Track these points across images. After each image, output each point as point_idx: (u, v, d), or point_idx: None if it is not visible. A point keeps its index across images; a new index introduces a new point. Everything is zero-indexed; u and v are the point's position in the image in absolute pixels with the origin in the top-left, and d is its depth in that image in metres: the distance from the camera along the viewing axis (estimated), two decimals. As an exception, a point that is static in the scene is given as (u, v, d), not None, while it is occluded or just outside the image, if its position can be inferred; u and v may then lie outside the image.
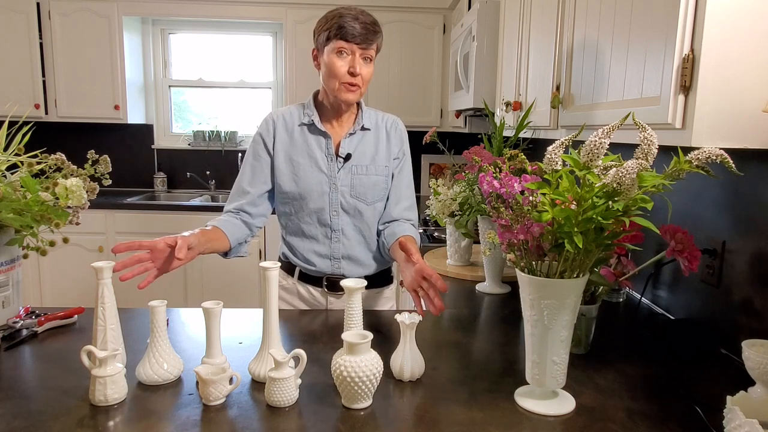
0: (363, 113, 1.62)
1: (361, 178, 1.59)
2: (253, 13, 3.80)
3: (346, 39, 1.45)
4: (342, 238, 1.62)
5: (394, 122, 1.67)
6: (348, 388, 0.99)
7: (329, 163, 1.59)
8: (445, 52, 3.83)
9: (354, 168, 1.59)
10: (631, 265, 1.28)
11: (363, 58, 1.49)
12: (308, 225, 1.61)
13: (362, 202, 1.60)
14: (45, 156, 1.36)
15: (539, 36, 1.83)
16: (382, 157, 1.62)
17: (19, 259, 1.37)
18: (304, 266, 1.65)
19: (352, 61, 1.47)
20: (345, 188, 1.59)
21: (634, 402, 1.06)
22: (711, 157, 0.88)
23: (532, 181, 1.01)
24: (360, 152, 1.60)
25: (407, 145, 1.69)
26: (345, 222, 1.61)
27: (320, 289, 1.67)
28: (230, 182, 4.76)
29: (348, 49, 1.46)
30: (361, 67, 1.48)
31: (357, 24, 1.44)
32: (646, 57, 1.09)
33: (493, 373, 1.18)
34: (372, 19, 1.49)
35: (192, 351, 1.26)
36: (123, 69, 3.76)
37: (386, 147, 1.63)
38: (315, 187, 1.58)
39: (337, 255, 1.62)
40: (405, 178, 1.68)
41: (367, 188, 1.60)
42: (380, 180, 1.62)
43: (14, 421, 0.95)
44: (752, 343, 1.05)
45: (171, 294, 3.62)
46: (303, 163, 1.58)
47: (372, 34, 1.47)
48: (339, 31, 1.45)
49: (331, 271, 1.63)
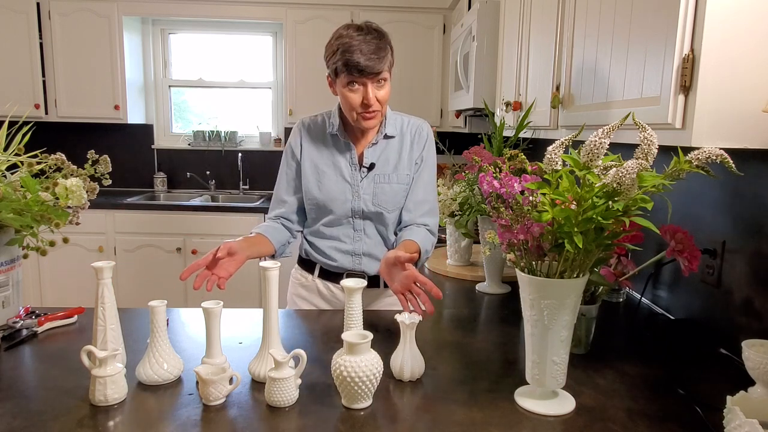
0: (387, 120, 1.61)
1: (383, 187, 1.61)
2: (253, 13, 3.80)
3: (354, 75, 1.45)
4: (363, 237, 1.65)
5: (419, 128, 1.66)
6: (348, 388, 0.99)
7: (353, 173, 1.61)
8: (445, 52, 3.83)
9: (377, 177, 1.61)
10: (631, 265, 1.28)
11: (376, 84, 1.48)
12: (330, 228, 1.65)
13: (384, 210, 1.62)
14: (45, 156, 1.36)
15: (539, 36, 1.83)
16: (404, 165, 1.63)
17: (19, 259, 1.37)
18: (325, 262, 1.67)
19: (365, 92, 1.47)
20: (367, 196, 1.61)
21: (634, 402, 1.06)
22: (711, 157, 0.88)
23: (532, 181, 1.01)
24: (383, 161, 1.62)
25: (430, 149, 1.67)
26: (367, 224, 1.65)
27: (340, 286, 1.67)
28: (230, 182, 4.77)
29: (359, 81, 1.46)
30: (376, 94, 1.48)
31: (362, 57, 1.42)
32: (646, 57, 1.09)
33: (493, 373, 1.18)
34: (376, 45, 1.44)
35: (192, 351, 1.26)
36: (123, 69, 3.76)
37: (409, 154, 1.64)
38: (338, 196, 1.61)
39: (359, 252, 1.66)
40: (423, 183, 1.66)
41: (389, 196, 1.62)
42: (401, 188, 1.63)
43: (14, 421, 0.95)
44: (752, 343, 1.05)
45: (171, 294, 3.62)
46: (327, 172, 1.62)
47: (379, 62, 1.45)
48: (346, 68, 1.44)
49: (351, 266, 1.66)
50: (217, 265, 1.36)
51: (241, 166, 4.19)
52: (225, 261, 1.37)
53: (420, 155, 1.65)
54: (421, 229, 1.62)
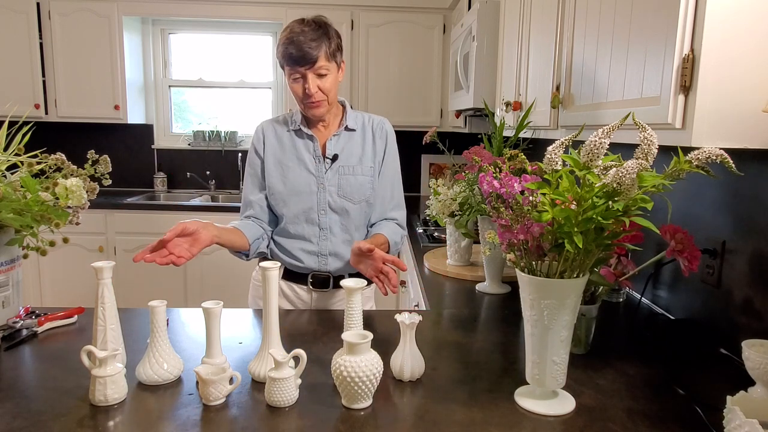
0: (348, 115, 1.68)
1: (348, 179, 1.65)
2: (253, 13, 3.80)
3: (292, 65, 1.51)
4: (330, 236, 1.66)
5: (380, 123, 1.72)
6: (348, 388, 0.99)
7: (317, 164, 1.65)
8: (445, 52, 3.83)
9: (341, 168, 1.65)
10: (631, 265, 1.28)
11: (316, 75, 1.53)
12: (296, 225, 1.66)
13: (349, 202, 1.65)
14: (45, 156, 1.36)
15: (539, 36, 1.83)
16: (368, 157, 1.67)
17: (19, 259, 1.37)
18: (291, 263, 1.68)
19: (305, 82, 1.53)
20: (332, 188, 1.64)
21: (634, 402, 1.06)
22: (711, 157, 0.88)
23: (532, 181, 1.01)
24: (347, 153, 1.66)
25: (393, 145, 1.72)
26: (333, 220, 1.66)
27: (305, 287, 1.70)
28: (230, 182, 4.77)
29: (298, 73, 1.53)
30: (316, 85, 1.53)
31: (295, 48, 1.49)
32: (646, 57, 1.09)
33: (493, 373, 1.18)
34: (311, 35, 1.49)
35: (192, 351, 1.26)
36: (123, 69, 3.76)
37: (372, 148, 1.69)
38: (303, 188, 1.64)
39: (325, 252, 1.67)
40: (389, 179, 1.72)
41: (354, 188, 1.65)
42: (366, 180, 1.67)
43: (14, 421, 0.95)
44: (752, 343, 1.05)
45: (171, 294, 3.62)
46: (292, 166, 1.65)
47: (311, 51, 1.49)
48: (284, 60, 1.52)
49: (317, 267, 1.68)
50: (173, 244, 1.29)
51: (241, 166, 4.19)
52: (184, 241, 1.32)
53: (384, 151, 1.70)
54: (390, 223, 1.70)
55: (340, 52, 1.58)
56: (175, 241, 1.30)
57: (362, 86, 3.85)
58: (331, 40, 1.54)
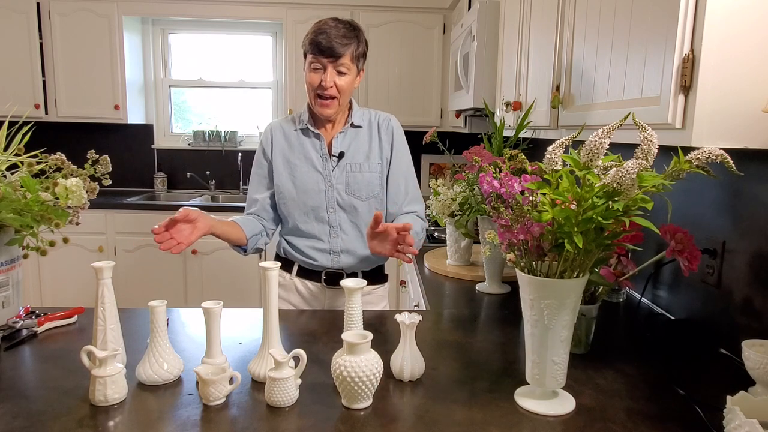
0: (354, 112, 1.68)
1: (355, 176, 1.65)
2: (253, 13, 3.80)
3: (316, 54, 1.53)
4: (340, 233, 1.67)
5: (386, 119, 1.72)
6: (348, 388, 0.99)
7: (324, 163, 1.65)
8: (445, 52, 3.83)
9: (348, 166, 1.65)
10: (631, 265, 1.28)
11: (336, 71, 1.55)
12: (306, 223, 1.67)
13: (357, 199, 1.66)
14: (45, 156, 1.36)
15: (539, 36, 1.83)
16: (375, 154, 1.68)
17: (19, 259, 1.37)
18: (304, 260, 1.69)
19: (324, 75, 1.54)
20: (340, 186, 1.65)
21: (634, 402, 1.06)
22: (711, 157, 0.88)
23: (532, 181, 1.01)
24: (354, 150, 1.66)
25: (401, 141, 1.72)
26: (342, 218, 1.66)
27: (319, 284, 1.71)
28: (230, 182, 4.77)
29: (320, 63, 1.54)
30: (334, 80, 1.55)
31: (324, 39, 1.51)
32: (646, 57, 1.09)
33: (493, 373, 1.18)
34: (343, 32, 1.54)
35: (192, 351, 1.26)
36: (123, 69, 3.76)
37: (378, 144, 1.69)
38: (312, 186, 1.64)
39: (336, 249, 1.68)
40: (402, 174, 1.71)
41: (362, 185, 1.66)
42: (374, 177, 1.67)
43: (14, 421, 0.95)
44: (752, 343, 1.05)
45: (171, 294, 3.62)
46: (299, 165, 1.66)
47: (341, 46, 1.52)
48: (311, 47, 1.54)
49: (330, 264, 1.68)
50: (177, 229, 1.36)
51: (241, 166, 4.19)
52: (186, 228, 1.37)
53: (391, 146, 1.70)
54: (409, 215, 1.69)
55: (363, 59, 1.61)
56: (178, 226, 1.36)
57: (362, 86, 3.85)
58: (360, 44, 1.57)
